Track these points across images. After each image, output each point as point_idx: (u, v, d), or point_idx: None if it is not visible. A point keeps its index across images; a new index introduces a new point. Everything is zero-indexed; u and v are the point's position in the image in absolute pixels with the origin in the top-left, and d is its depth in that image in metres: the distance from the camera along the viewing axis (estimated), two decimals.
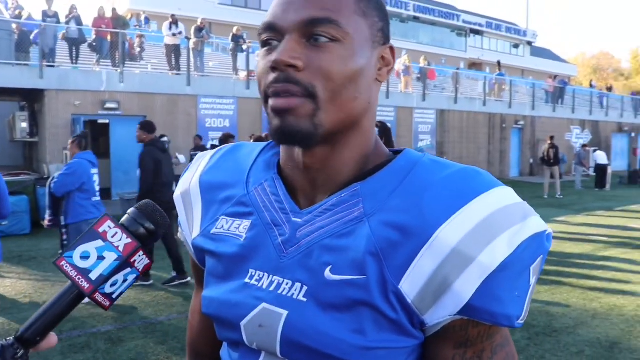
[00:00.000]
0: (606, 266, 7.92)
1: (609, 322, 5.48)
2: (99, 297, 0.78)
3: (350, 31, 0.81)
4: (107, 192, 14.42)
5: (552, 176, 17.61)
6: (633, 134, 32.32)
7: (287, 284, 0.83)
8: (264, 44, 0.84)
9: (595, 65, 79.07)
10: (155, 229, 0.83)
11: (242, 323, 0.85)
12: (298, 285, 0.82)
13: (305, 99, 0.79)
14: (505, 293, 0.76)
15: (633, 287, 6.83)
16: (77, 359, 4.45)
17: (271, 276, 0.85)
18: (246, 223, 0.90)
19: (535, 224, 0.78)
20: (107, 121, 14.93)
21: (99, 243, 0.79)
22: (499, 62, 27.52)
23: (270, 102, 0.81)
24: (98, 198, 6.00)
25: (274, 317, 0.82)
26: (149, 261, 0.82)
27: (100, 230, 0.80)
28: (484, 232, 0.75)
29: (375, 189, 0.83)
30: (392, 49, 0.89)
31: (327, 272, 0.80)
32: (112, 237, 0.80)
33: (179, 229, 1.05)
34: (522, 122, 25.02)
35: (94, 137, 16.44)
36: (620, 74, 79.59)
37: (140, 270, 0.81)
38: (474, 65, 44.24)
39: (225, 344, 0.98)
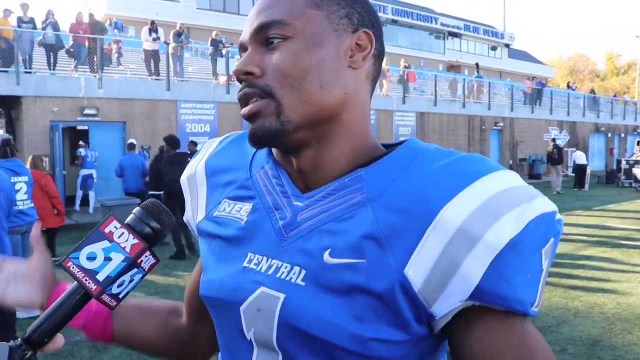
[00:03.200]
0: (586, 265, 8.02)
1: (590, 320, 5.56)
2: (106, 298, 0.78)
3: (298, 25, 0.81)
4: (87, 198, 14.28)
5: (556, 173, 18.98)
6: (609, 134, 32.81)
7: (285, 267, 0.82)
8: None
9: (572, 66, 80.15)
10: (161, 228, 0.82)
11: (242, 307, 0.84)
12: (297, 268, 0.81)
13: (266, 100, 0.81)
14: (515, 275, 0.73)
15: (613, 285, 6.93)
16: None
17: (270, 260, 0.84)
18: (247, 206, 0.90)
19: (543, 203, 0.77)
20: (86, 127, 14.78)
21: (105, 244, 0.78)
22: (477, 65, 27.78)
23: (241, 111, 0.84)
24: (22, 207, 5.68)
25: (272, 301, 0.81)
26: (155, 260, 0.81)
27: (106, 230, 0.79)
28: (489, 210, 0.73)
29: (378, 174, 0.82)
30: (366, 33, 0.86)
31: (326, 256, 0.79)
32: (119, 237, 0.78)
33: (185, 212, 1.05)
34: (501, 124, 25.26)
35: (73, 143, 16.30)
36: (596, 75, 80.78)
37: (146, 270, 0.81)
38: (452, 67, 44.58)
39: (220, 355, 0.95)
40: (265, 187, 0.90)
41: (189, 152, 11.84)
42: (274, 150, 0.91)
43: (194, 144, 12.69)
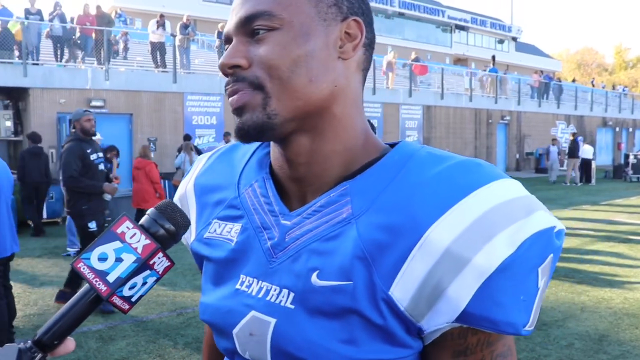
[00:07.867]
0: (593, 260, 7.99)
1: (598, 315, 5.54)
2: (117, 300, 0.75)
3: (285, 16, 0.76)
4: None
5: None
6: (617, 129, 32.63)
7: (275, 290, 0.79)
8: None
9: (580, 60, 79.75)
10: (175, 230, 0.79)
11: (234, 331, 0.82)
12: (285, 291, 0.78)
13: (254, 91, 0.77)
14: (507, 298, 0.69)
15: (620, 280, 6.90)
16: (69, 357, 4.40)
17: (260, 282, 0.81)
18: (237, 227, 0.87)
19: (541, 219, 0.71)
20: None
21: (117, 244, 0.76)
22: (493, 57, 27.52)
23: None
24: None
25: (263, 326, 0.79)
26: (169, 263, 0.79)
27: (119, 231, 0.76)
28: (480, 231, 0.69)
29: (364, 187, 0.77)
30: (356, 21, 0.81)
31: (314, 278, 0.76)
32: (131, 238, 0.76)
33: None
34: (508, 118, 25.18)
35: None
36: (604, 69, 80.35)
37: (160, 272, 0.78)
38: (459, 61, 44.41)
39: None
40: (254, 206, 0.86)
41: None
42: (272, 151, 0.87)
43: (188, 137, 12.90)
